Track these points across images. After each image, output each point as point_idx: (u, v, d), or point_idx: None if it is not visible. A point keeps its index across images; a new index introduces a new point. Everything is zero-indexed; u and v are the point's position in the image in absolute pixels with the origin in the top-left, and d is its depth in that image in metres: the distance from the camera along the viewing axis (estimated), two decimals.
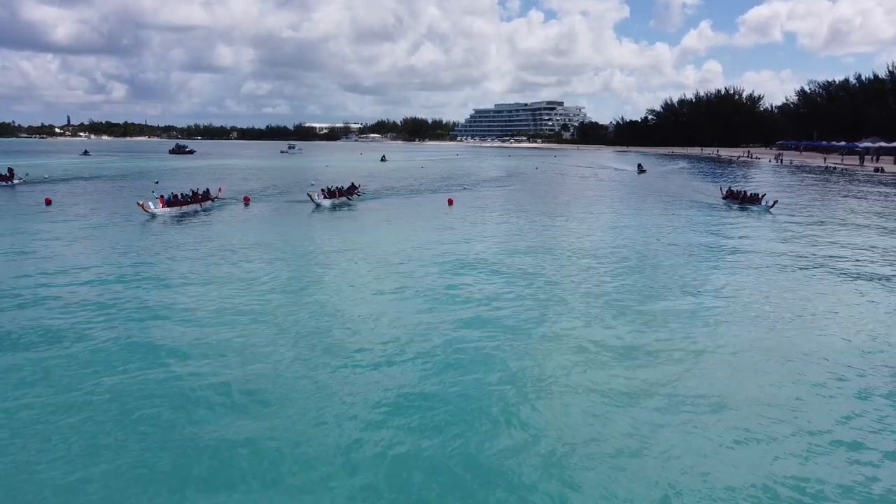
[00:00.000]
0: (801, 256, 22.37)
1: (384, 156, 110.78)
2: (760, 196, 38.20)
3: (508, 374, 11.14)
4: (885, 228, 29.79)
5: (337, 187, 40.11)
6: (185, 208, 33.58)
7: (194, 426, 9.16)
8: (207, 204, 35.90)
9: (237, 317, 14.38)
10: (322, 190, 38.18)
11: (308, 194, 36.87)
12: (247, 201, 38.86)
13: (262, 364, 11.50)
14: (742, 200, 39.14)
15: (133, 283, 17.56)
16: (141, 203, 31.54)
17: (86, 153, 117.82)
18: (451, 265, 20.22)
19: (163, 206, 32.19)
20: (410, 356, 11.96)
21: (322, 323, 13.98)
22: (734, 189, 42.91)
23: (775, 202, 36.69)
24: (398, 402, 9.95)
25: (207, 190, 37.44)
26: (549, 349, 12.43)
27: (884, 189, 51.68)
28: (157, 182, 55.22)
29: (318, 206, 35.73)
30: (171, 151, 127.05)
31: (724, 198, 42.00)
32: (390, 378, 10.86)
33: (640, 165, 76.44)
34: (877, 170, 73.30)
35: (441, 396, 10.09)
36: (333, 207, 36.21)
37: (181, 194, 35.18)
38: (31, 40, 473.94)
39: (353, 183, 42.86)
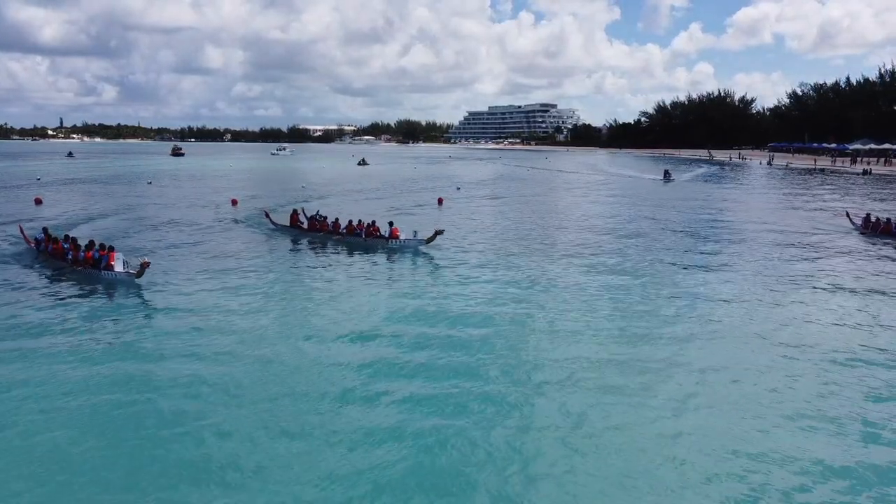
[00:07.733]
0: None
1: (364, 159, 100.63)
2: None
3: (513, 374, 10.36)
4: None
5: None
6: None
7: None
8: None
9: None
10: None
11: None
12: (234, 203, 37.93)
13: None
14: None
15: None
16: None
17: (70, 155, 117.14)
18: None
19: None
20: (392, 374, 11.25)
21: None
22: (878, 217, 28.00)
23: None
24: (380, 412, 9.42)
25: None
26: None
27: None
28: (149, 182, 53.81)
29: None
30: (172, 153, 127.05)
31: (863, 230, 27.84)
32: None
33: (666, 172, 67.25)
34: (865, 172, 73.06)
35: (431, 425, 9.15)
36: None
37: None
38: (18, 42, 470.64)
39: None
